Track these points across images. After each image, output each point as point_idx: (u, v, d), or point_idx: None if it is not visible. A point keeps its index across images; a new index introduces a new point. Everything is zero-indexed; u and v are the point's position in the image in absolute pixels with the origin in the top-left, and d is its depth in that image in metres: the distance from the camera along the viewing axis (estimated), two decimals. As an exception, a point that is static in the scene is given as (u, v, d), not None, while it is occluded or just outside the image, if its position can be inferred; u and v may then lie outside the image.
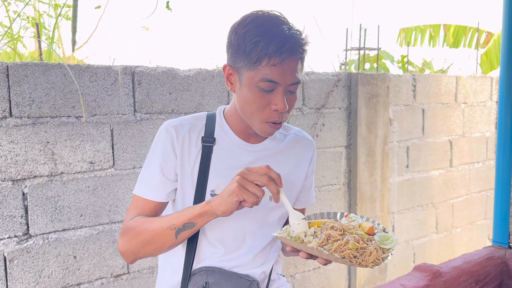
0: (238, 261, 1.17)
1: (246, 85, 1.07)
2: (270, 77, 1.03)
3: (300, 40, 1.06)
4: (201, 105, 2.19)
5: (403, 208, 3.20)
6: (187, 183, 1.14)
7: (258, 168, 0.99)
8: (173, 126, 1.15)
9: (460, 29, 5.92)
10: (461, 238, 3.66)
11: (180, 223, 1.05)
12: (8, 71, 1.71)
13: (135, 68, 2.01)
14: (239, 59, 1.07)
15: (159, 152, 1.14)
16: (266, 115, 1.08)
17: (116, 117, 1.96)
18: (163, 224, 1.07)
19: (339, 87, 2.76)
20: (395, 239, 1.00)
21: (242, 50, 1.05)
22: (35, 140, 1.78)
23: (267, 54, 1.02)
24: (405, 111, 3.12)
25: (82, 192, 1.90)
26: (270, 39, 1.02)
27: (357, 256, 0.95)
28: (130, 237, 1.11)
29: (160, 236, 1.07)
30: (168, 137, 1.14)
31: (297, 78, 1.07)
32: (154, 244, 1.09)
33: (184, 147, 1.14)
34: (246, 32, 1.04)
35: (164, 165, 1.13)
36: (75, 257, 1.90)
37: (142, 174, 1.17)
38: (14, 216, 1.76)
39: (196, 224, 1.05)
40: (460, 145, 3.53)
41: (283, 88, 1.06)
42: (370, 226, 1.04)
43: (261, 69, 1.03)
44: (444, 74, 3.39)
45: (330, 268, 2.84)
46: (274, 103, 1.06)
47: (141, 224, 1.10)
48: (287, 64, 1.04)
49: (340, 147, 2.81)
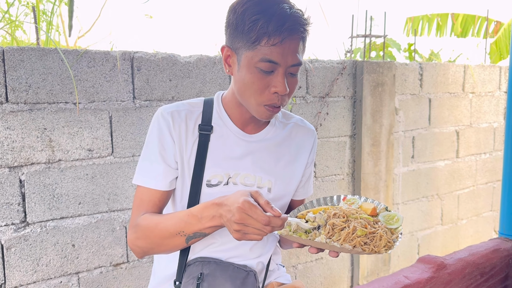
0: (235, 252, 1.14)
1: (245, 66, 1.02)
2: (270, 57, 0.99)
3: (301, 19, 1.01)
4: (202, 92, 2.15)
5: (408, 199, 3.15)
6: (184, 172, 1.11)
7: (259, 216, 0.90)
8: (169, 112, 1.11)
9: (469, 18, 5.81)
10: (467, 230, 3.62)
11: (190, 231, 1.01)
12: (4, 55, 1.67)
13: (134, 53, 1.97)
14: (238, 39, 1.02)
15: (157, 139, 1.10)
16: (265, 98, 1.03)
17: (115, 104, 1.93)
18: (172, 230, 1.03)
19: (344, 75, 2.71)
20: (401, 217, 0.96)
21: (241, 29, 1.00)
22: (32, 127, 1.74)
23: (266, 33, 0.97)
24: (411, 100, 3.06)
25: (81, 180, 1.87)
26: (269, 17, 0.97)
27: (368, 243, 0.91)
28: (139, 236, 1.08)
29: (170, 240, 1.04)
30: (164, 124, 1.10)
31: (298, 59, 1.02)
32: (165, 247, 1.07)
33: (181, 134, 1.10)
34: (245, 11, 0.99)
35: (163, 153, 1.10)
36: (74, 245, 1.88)
37: (142, 164, 1.12)
38: (11, 204, 1.73)
39: (207, 234, 1.02)
40: (467, 136, 3.47)
41: (283, 70, 1.01)
42: (373, 207, 1.00)
43: (261, 49, 0.99)
44: (451, 63, 3.32)
45: (333, 259, 2.81)
46: (274, 85, 1.01)
47: (151, 226, 1.06)
48: (288, 44, 0.99)
49: (344, 137, 2.77)
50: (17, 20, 2.37)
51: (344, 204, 1.07)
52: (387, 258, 3.01)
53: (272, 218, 0.90)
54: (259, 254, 1.17)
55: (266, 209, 0.92)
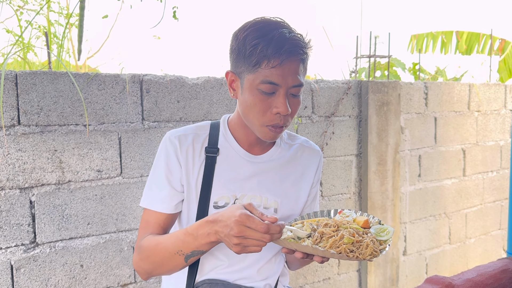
0: (242, 274, 1.15)
1: (247, 89, 1.06)
2: (270, 78, 1.02)
3: (300, 42, 1.05)
4: (209, 113, 2.18)
5: (415, 218, 3.14)
6: (191, 194, 1.13)
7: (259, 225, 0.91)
8: (176, 136, 1.14)
9: (473, 36, 5.85)
10: (475, 249, 3.58)
11: (188, 250, 1.03)
12: (17, 79, 1.72)
13: (143, 76, 2.01)
14: (240, 63, 1.06)
15: (164, 163, 1.13)
16: (267, 119, 1.06)
17: (124, 125, 1.96)
18: (171, 249, 1.05)
19: (349, 95, 2.73)
20: (391, 230, 0.98)
21: (242, 54, 1.04)
22: (43, 148, 1.78)
23: (266, 56, 1.01)
24: (417, 119, 3.08)
25: (90, 201, 1.89)
26: (269, 41, 1.01)
27: (354, 250, 0.93)
28: (142, 258, 1.10)
29: (169, 260, 1.06)
30: (171, 148, 1.13)
31: (299, 81, 1.05)
32: (166, 267, 1.08)
33: (188, 158, 1.12)
34: (246, 36, 1.04)
35: (170, 176, 1.12)
36: (82, 265, 1.89)
37: (149, 187, 1.15)
38: (21, 224, 1.75)
39: (206, 251, 1.04)
40: (473, 154, 3.46)
41: (284, 91, 1.04)
42: (365, 219, 1.02)
43: (261, 71, 1.03)
44: (456, 82, 3.34)
45: (340, 279, 2.80)
46: (276, 106, 1.04)
47: (151, 247, 1.08)
48: (287, 66, 1.03)
49: (351, 156, 2.78)
50: (29, 43, 2.43)
51: (339, 217, 1.08)
52: (395, 278, 2.98)
53: (270, 226, 0.91)
54: (266, 276, 1.18)
55: (262, 218, 0.93)
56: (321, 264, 2.70)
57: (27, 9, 2.65)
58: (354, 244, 0.93)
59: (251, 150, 1.17)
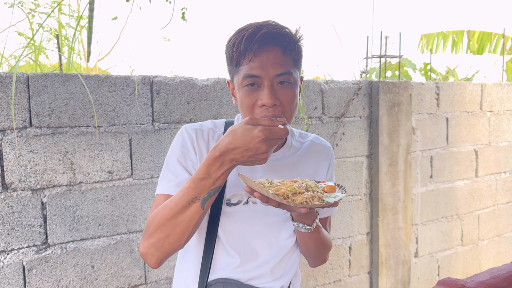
0: (255, 273, 1.14)
1: (238, 90, 1.09)
2: (250, 72, 1.04)
3: (277, 30, 1.04)
4: (219, 115, 2.18)
5: (427, 220, 3.11)
6: None
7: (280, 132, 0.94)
8: (194, 129, 1.15)
9: (485, 35, 5.79)
10: (488, 251, 3.54)
11: (204, 193, 0.98)
12: (28, 81, 1.73)
13: (153, 78, 2.01)
14: (229, 68, 1.10)
15: (180, 151, 1.12)
16: (256, 112, 1.06)
17: (134, 126, 1.97)
18: (184, 202, 0.99)
19: (359, 95, 2.71)
20: (340, 196, 0.99)
21: (228, 58, 1.08)
22: (54, 150, 1.79)
23: (241, 52, 1.03)
24: (428, 120, 3.05)
25: (100, 202, 1.90)
26: (241, 38, 1.03)
27: (289, 196, 0.96)
28: (151, 232, 1.02)
29: (184, 215, 0.99)
30: (188, 138, 1.13)
31: (283, 69, 1.04)
32: (179, 226, 0.99)
33: (202, 152, 1.13)
34: (229, 41, 1.08)
35: (185, 163, 1.11)
36: (93, 267, 1.90)
37: (163, 175, 1.12)
38: (33, 226, 1.77)
39: (221, 186, 1.00)
40: (486, 155, 3.42)
41: (268, 82, 1.04)
42: (331, 185, 1.03)
43: (242, 69, 1.05)
44: (468, 82, 3.30)
45: (351, 281, 2.78)
46: (260, 98, 1.04)
47: (158, 212, 1.02)
48: (265, 56, 1.03)
49: (361, 157, 2.76)
50: (40, 46, 2.45)
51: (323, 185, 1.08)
52: (407, 280, 2.95)
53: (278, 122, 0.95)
54: (280, 275, 1.17)
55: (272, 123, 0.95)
56: (331, 266, 2.68)
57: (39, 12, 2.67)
58: (295, 194, 0.96)
59: None
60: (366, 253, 2.84)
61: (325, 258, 1.30)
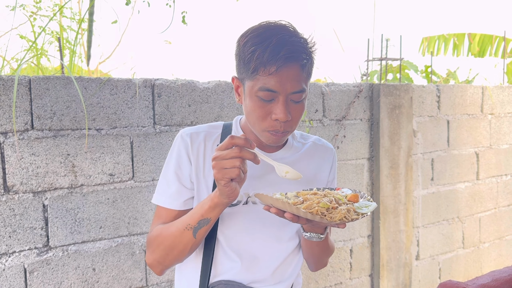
0: (256, 276, 1.14)
1: (248, 95, 1.06)
2: (268, 86, 1.01)
3: (299, 46, 1.02)
4: (220, 117, 2.18)
5: (428, 222, 3.10)
6: (202, 191, 1.13)
7: (223, 144, 0.95)
8: (188, 134, 1.15)
9: (486, 38, 5.79)
10: (489, 253, 3.53)
11: (195, 222, 1.04)
12: (30, 84, 1.74)
13: (155, 80, 2.02)
14: (241, 69, 1.07)
15: (174, 160, 1.14)
16: (267, 125, 1.06)
17: (136, 129, 1.97)
18: (179, 227, 1.06)
19: (360, 98, 2.72)
20: (373, 205, 0.98)
21: (242, 60, 1.05)
22: (56, 153, 1.79)
23: (262, 62, 1.00)
24: (429, 122, 3.05)
25: (102, 204, 1.91)
26: (266, 47, 0.99)
27: (325, 214, 0.93)
28: (154, 248, 1.11)
29: (179, 239, 1.06)
30: (182, 145, 1.14)
31: (300, 87, 1.03)
32: (176, 248, 1.08)
33: (199, 155, 1.13)
34: (246, 42, 1.03)
35: (179, 173, 1.13)
36: (94, 269, 1.90)
37: (160, 183, 1.17)
38: (35, 228, 1.77)
39: (211, 219, 1.04)
40: (487, 157, 3.42)
41: (283, 97, 1.03)
42: (354, 194, 1.02)
43: (259, 78, 1.02)
44: (469, 85, 3.30)
45: (352, 284, 2.77)
46: (274, 112, 1.04)
47: (160, 233, 1.10)
48: (286, 72, 1.01)
49: (362, 159, 2.76)
50: (42, 49, 2.46)
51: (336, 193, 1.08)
52: (408, 283, 2.95)
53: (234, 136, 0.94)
54: (281, 279, 1.17)
55: None
56: (333, 269, 2.68)
57: (41, 15, 2.69)
58: (329, 210, 0.94)
59: (264, 149, 1.17)
60: (367, 256, 2.84)
61: (327, 262, 1.30)
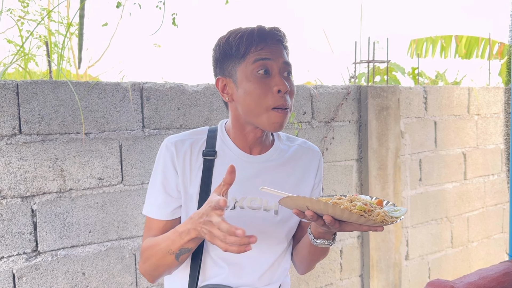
0: (243, 281, 1.14)
1: (243, 79, 1.09)
2: (260, 56, 1.08)
3: (279, 31, 1.13)
4: (209, 120, 2.19)
5: (417, 222, 3.13)
6: (190, 198, 1.13)
7: (225, 228, 0.87)
8: (173, 142, 1.15)
9: (472, 40, 5.87)
10: (478, 252, 3.57)
11: (176, 249, 1.03)
12: (18, 89, 1.73)
13: (143, 84, 2.02)
14: (228, 62, 1.12)
15: (160, 170, 1.15)
16: (271, 100, 1.08)
17: (124, 133, 1.97)
18: (164, 249, 1.06)
19: (348, 100, 2.74)
20: (404, 210, 0.98)
21: (229, 52, 1.11)
22: (44, 157, 1.79)
23: (252, 42, 1.08)
24: (416, 124, 3.08)
25: (91, 209, 1.90)
26: (252, 32, 1.09)
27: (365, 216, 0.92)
28: (144, 260, 1.13)
29: (163, 261, 1.07)
30: (168, 154, 1.14)
31: (287, 60, 1.12)
32: (162, 267, 1.09)
33: (185, 163, 1.13)
34: (228, 38, 1.12)
35: (166, 183, 1.13)
36: (84, 273, 1.89)
37: (148, 194, 1.18)
38: (23, 233, 1.76)
39: (191, 248, 1.04)
40: (474, 158, 3.46)
41: (277, 69, 1.09)
42: (379, 199, 1.02)
43: (251, 55, 1.09)
44: (456, 86, 3.35)
45: (343, 284, 2.79)
46: (275, 84, 1.08)
47: (149, 247, 1.11)
48: (274, 47, 1.10)
49: (351, 161, 2.78)
50: (29, 53, 2.45)
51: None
52: (398, 283, 2.97)
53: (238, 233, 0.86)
54: (268, 283, 1.18)
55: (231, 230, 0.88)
56: (323, 270, 2.69)
57: (28, 19, 2.67)
58: (366, 212, 0.93)
59: (249, 151, 1.18)
60: (357, 256, 2.86)
61: (315, 265, 1.31)
